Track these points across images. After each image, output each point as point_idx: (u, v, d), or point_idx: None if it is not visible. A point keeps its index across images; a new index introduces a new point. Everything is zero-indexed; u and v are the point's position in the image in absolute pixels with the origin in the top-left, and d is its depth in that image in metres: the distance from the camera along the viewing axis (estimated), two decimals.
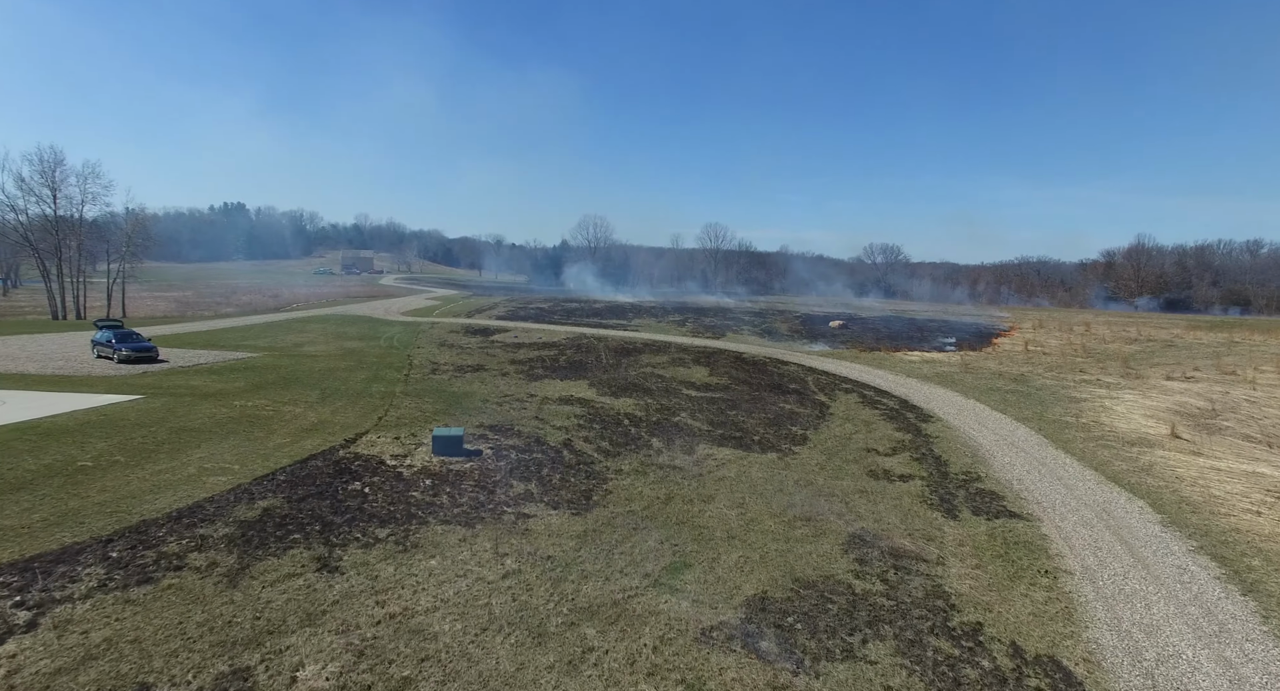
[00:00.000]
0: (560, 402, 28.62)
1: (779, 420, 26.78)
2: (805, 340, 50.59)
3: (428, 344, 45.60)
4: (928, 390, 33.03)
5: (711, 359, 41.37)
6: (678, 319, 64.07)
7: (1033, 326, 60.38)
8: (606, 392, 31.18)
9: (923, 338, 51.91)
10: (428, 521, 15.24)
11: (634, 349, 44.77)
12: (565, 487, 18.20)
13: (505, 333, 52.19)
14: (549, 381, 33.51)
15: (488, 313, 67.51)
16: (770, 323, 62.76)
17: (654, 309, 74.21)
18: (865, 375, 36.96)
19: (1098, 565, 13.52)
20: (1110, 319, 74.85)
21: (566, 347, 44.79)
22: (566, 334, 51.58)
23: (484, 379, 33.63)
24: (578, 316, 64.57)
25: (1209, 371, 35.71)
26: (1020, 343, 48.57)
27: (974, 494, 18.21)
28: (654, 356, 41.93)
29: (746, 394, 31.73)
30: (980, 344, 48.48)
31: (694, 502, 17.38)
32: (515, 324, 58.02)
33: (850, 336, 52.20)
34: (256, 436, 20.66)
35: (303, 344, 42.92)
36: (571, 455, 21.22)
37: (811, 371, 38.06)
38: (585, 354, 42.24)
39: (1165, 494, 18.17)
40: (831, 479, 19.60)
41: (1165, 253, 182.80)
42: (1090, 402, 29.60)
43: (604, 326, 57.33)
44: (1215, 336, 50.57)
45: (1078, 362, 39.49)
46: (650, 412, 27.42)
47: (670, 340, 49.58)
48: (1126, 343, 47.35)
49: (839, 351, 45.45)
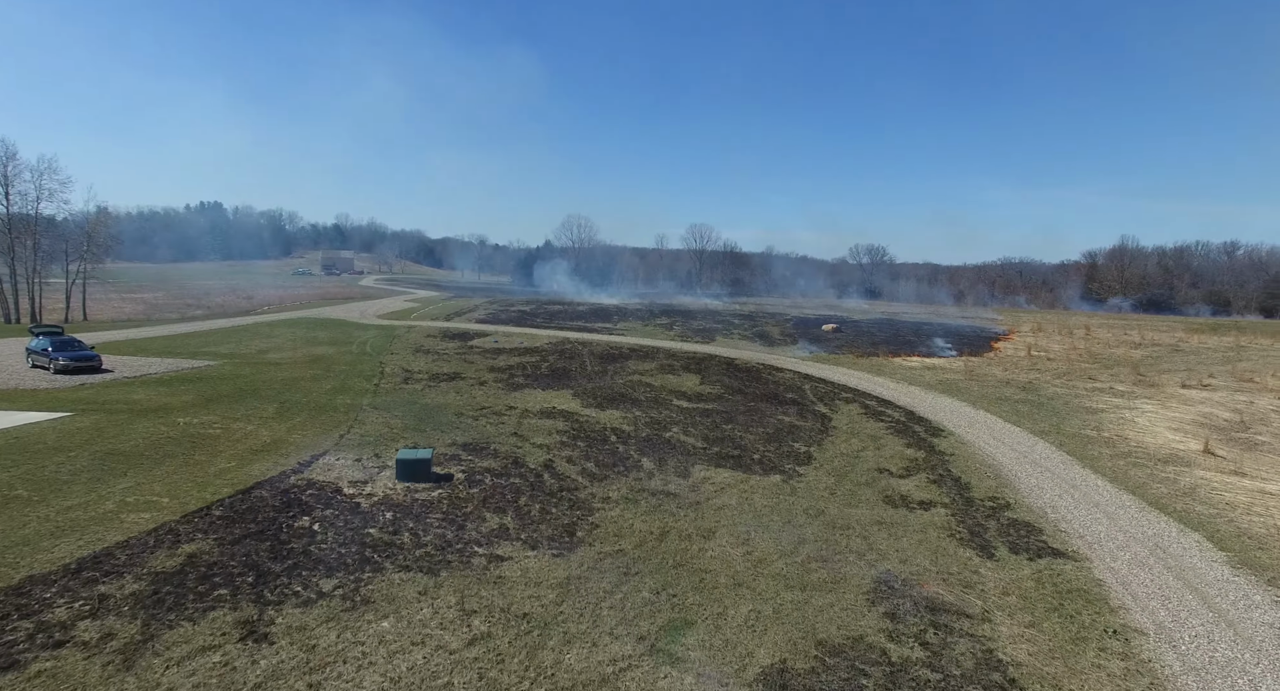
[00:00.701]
0: (541, 416, 26.39)
1: (779, 435, 24.70)
2: (799, 344, 48.67)
3: (402, 350, 43.16)
4: (933, 400, 31.13)
5: (702, 365, 39.29)
6: (664, 322, 61.96)
7: (1032, 330, 58.92)
8: (592, 404, 28.98)
9: (919, 342, 50.18)
10: (384, 568, 12.98)
11: (620, 355, 42.59)
12: (546, 521, 15.99)
13: (485, 337, 49.82)
14: (530, 391, 31.26)
15: (468, 315, 65.05)
16: (761, 326, 60.80)
17: (639, 311, 72.07)
18: (865, 383, 35.03)
19: (1173, 622, 11.52)
20: (1107, 321, 73.76)
21: (549, 353, 42.52)
22: (549, 338, 49.31)
23: (460, 389, 31.33)
24: (561, 320, 62.28)
25: (1225, 378, 34.14)
26: (1022, 347, 46.93)
27: (1006, 525, 16.20)
28: (641, 363, 39.78)
29: (742, 405, 29.65)
30: (981, 349, 46.81)
31: (692, 538, 15.23)
32: (496, 328, 55.64)
33: (845, 341, 50.36)
34: (196, 460, 18.24)
35: (268, 350, 40.30)
36: (553, 479, 19.01)
37: (808, 379, 36.08)
38: (569, 360, 40.00)
39: (1221, 524, 16.26)
40: (844, 507, 17.52)
41: (1147, 254, 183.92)
42: (1109, 414, 27.83)
43: (588, 330, 55.10)
44: (1221, 340, 49.30)
45: (1086, 369, 37.83)
46: (639, 427, 25.25)
47: (658, 345, 47.46)
48: (1132, 347, 45.87)
49: (835, 357, 43.54)
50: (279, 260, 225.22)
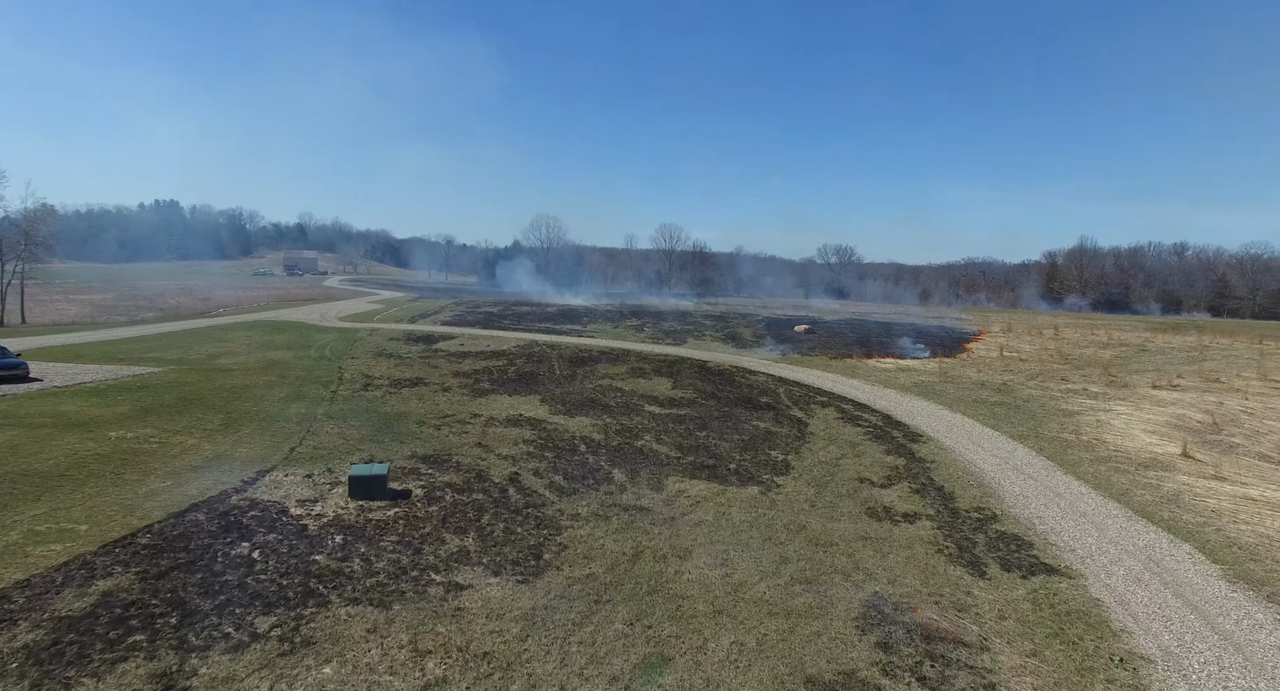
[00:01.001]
0: (508, 424, 25.18)
1: (755, 442, 23.84)
2: (771, 346, 48.04)
3: (364, 354, 41.45)
4: (909, 403, 30.61)
5: (674, 369, 38.36)
6: (635, 324, 60.93)
7: (1002, 330, 59.18)
8: (560, 411, 27.85)
9: (892, 343, 49.93)
10: (330, 601, 11.76)
11: (590, 358, 41.46)
12: (510, 542, 14.85)
13: (450, 340, 48.26)
14: (496, 397, 30.00)
15: (433, 317, 63.28)
16: (733, 327, 60.13)
17: (609, 313, 70.91)
18: (840, 386, 34.42)
19: (1179, 647, 10.84)
20: (1074, 321, 74.66)
21: (516, 357, 41.22)
22: (517, 341, 47.95)
23: (423, 395, 29.93)
24: (529, 321, 60.89)
25: (1193, 379, 34.27)
26: (994, 348, 46.92)
27: (995, 539, 15.50)
28: (612, 366, 38.71)
29: (716, 410, 28.76)
30: (953, 350, 46.66)
31: (667, 559, 14.23)
32: (462, 330, 54.07)
33: (817, 342, 49.89)
34: (126, 480, 16.70)
35: (219, 355, 38.33)
36: (519, 494, 17.87)
37: (783, 382, 35.37)
38: (537, 364, 38.76)
39: (1209, 534, 15.77)
40: (826, 520, 16.68)
41: (1104, 254, 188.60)
42: (1085, 416, 27.53)
43: (557, 332, 53.85)
44: (1184, 340, 49.95)
45: (1058, 370, 37.76)
46: (610, 435, 24.19)
47: (628, 347, 46.43)
48: (1100, 347, 46.14)
49: (808, 359, 42.97)
50: (239, 260, 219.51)
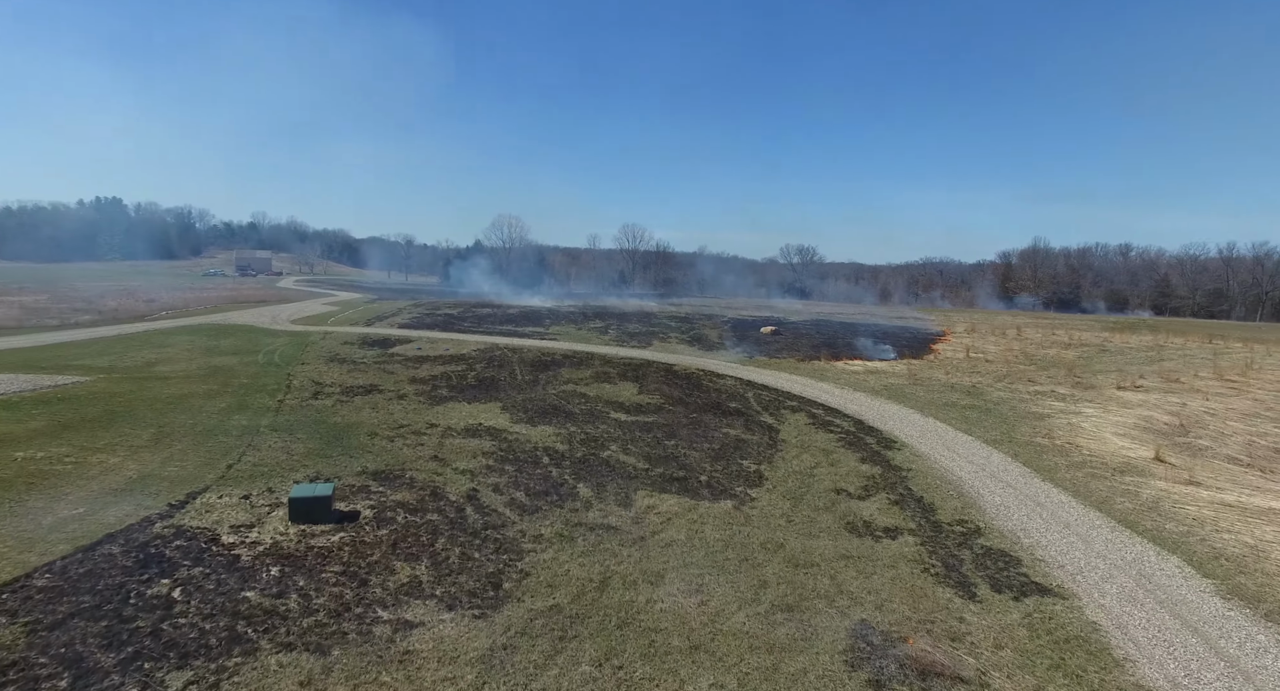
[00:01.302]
0: (466, 434, 23.82)
1: (726, 451, 22.91)
2: (738, 348, 47.32)
3: (315, 359, 39.48)
4: (880, 407, 30.06)
5: (640, 373, 37.30)
6: (599, 326, 59.69)
7: (966, 330, 59.51)
8: (522, 419, 26.57)
9: (858, 344, 49.64)
10: (259, 648, 10.40)
11: (553, 362, 40.15)
12: (467, 569, 13.61)
13: (407, 344, 46.44)
14: (454, 405, 28.57)
15: (390, 320, 61.13)
16: (698, 329, 59.33)
17: (573, 314, 69.46)
18: (810, 389, 33.77)
19: (1186, 677, 10.15)
20: (1034, 321, 75.79)
21: (476, 361, 39.69)
22: (477, 344, 46.36)
23: (376, 404, 28.34)
24: (490, 324, 59.22)
25: (1154, 379, 34.49)
26: (960, 349, 46.94)
27: (982, 555, 14.78)
28: (575, 371, 37.47)
29: (684, 417, 27.78)
30: (920, 351, 46.54)
31: (638, 585, 13.16)
32: (420, 333, 52.22)
33: (784, 344, 49.32)
34: (29, 508, 14.95)
35: (157, 362, 36.00)
36: (477, 514, 16.60)
37: (751, 386, 34.57)
38: (498, 369, 37.32)
39: (1195, 544, 15.30)
40: (805, 537, 15.79)
41: (1056, 254, 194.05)
42: (1055, 419, 27.28)
43: (519, 335, 52.36)
44: (1140, 340, 50.77)
45: (1024, 371, 37.76)
46: (575, 445, 23.02)
47: (593, 350, 45.23)
48: (1063, 348, 46.51)
49: (776, 361, 42.33)
50: (188, 260, 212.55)
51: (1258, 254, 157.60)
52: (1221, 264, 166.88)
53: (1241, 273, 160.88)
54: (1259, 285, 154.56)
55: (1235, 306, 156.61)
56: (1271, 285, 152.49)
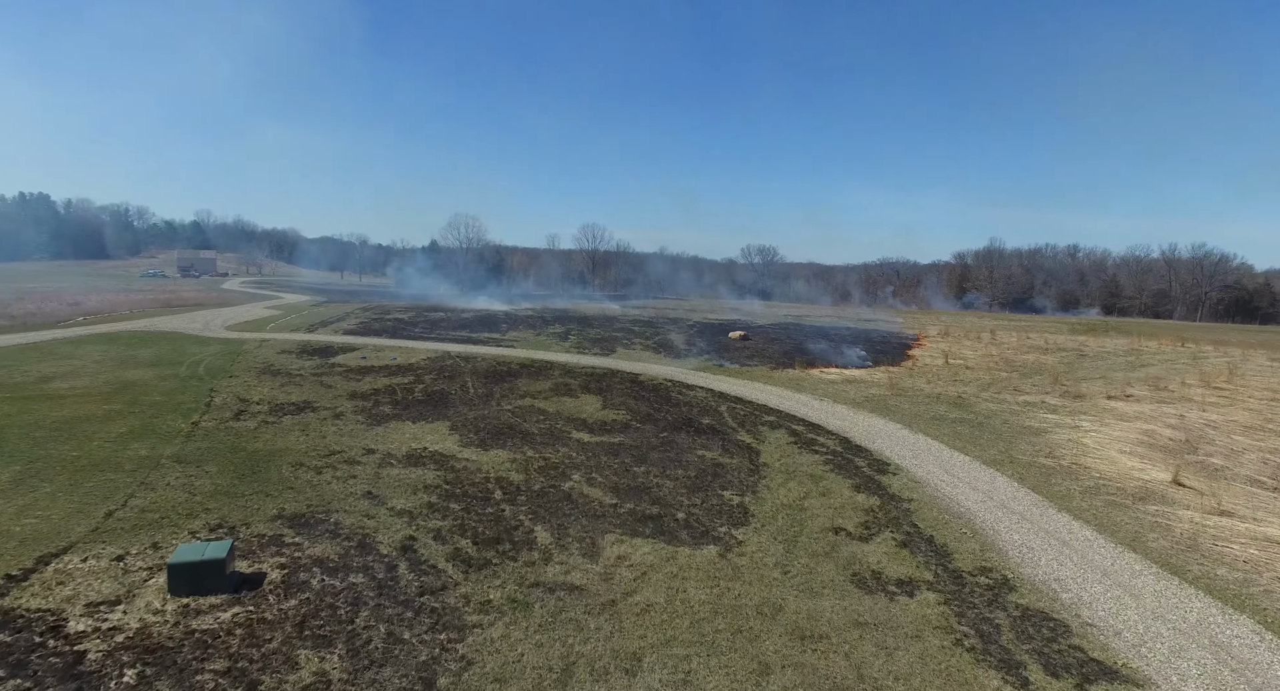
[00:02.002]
0: (408, 463, 20.75)
1: (704, 480, 20.25)
2: (706, 355, 44.79)
3: (246, 371, 35.68)
4: (865, 422, 27.79)
5: (604, 384, 34.48)
6: (559, 331, 56.58)
7: (940, 335, 57.97)
8: (473, 441, 23.58)
9: (832, 350, 47.54)
10: None
11: (509, 372, 37.05)
12: (393, 659, 10.67)
13: (351, 352, 42.79)
14: (398, 425, 25.42)
15: (336, 325, 57.10)
16: (663, 334, 56.64)
17: (531, 319, 66.08)
18: (787, 402, 31.37)
19: None
20: (1001, 324, 75.07)
21: (426, 372, 36.38)
22: (427, 353, 42.96)
23: (308, 425, 25.02)
24: (443, 329, 55.64)
25: (1142, 387, 33.01)
26: (938, 355, 45.17)
27: (1020, 619, 12.35)
28: (534, 382, 34.46)
29: (654, 436, 25.07)
30: (897, 357, 44.60)
31: (609, 675, 10.41)
32: (366, 340, 48.48)
33: (755, 350, 46.93)
34: None
35: (56, 376, 31.83)
36: (412, 574, 13.61)
37: (724, 398, 32.03)
38: (448, 381, 34.09)
39: (1259, 598, 13.15)
40: (807, 595, 13.19)
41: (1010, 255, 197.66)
42: (1054, 435, 25.31)
43: (473, 342, 49.00)
44: (1115, 343, 49.80)
45: (1007, 379, 36.03)
46: (532, 475, 20.13)
47: (552, 359, 42.23)
48: (1041, 353, 45.09)
49: (748, 369, 39.91)
50: (126, 260, 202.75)
51: (1196, 255, 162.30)
52: (1164, 265, 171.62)
53: (1182, 273, 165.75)
54: (1199, 286, 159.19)
55: (1177, 306, 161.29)
56: (1210, 286, 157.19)
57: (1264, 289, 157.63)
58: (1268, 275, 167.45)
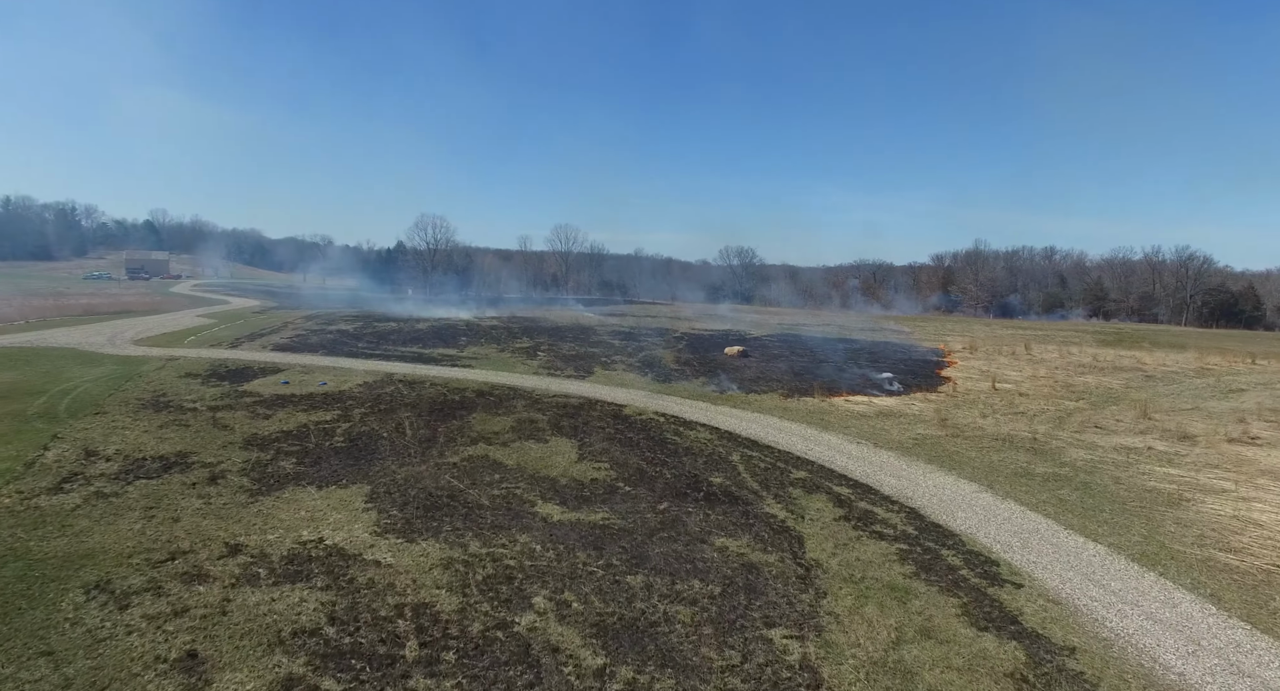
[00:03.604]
0: (284, 575, 13.45)
1: (734, 601, 13.17)
2: (702, 377, 37.65)
3: (123, 405, 27.94)
4: (928, 479, 20.93)
5: (580, 420, 27.32)
6: (527, 345, 48.94)
7: (967, 349, 51.26)
8: (395, 522, 16.35)
9: (849, 369, 40.68)
10: None
11: (462, 403, 29.68)
12: None
13: (273, 375, 35.10)
14: (295, 493, 18.16)
15: (268, 338, 49.10)
16: (648, 349, 49.34)
17: (496, 330, 58.11)
18: (816, 446, 24.45)
19: None
20: (1021, 333, 69.13)
21: (357, 404, 28.90)
22: (366, 376, 35.39)
23: (162, 498, 17.69)
24: (391, 344, 47.86)
25: (1258, 424, 26.49)
26: (976, 375, 38.50)
27: None
28: (491, 418, 27.17)
29: (650, 510, 17.98)
30: (929, 379, 37.74)
31: None
32: (297, 358, 40.71)
33: (758, 369, 39.81)
34: None
35: None
36: None
37: (735, 442, 25.02)
38: (382, 418, 26.65)
39: None
40: None
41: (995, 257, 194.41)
42: (1202, 506, 18.51)
43: (425, 360, 41.41)
44: (1175, 360, 43.65)
45: (1076, 409, 29.48)
46: (472, 597, 12.93)
47: (517, 384, 34.88)
48: (1096, 372, 38.64)
49: (756, 397, 32.89)
50: (71, 262, 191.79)
51: (1180, 257, 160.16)
52: (1147, 267, 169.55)
53: (1165, 276, 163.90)
54: (1183, 289, 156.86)
55: (1161, 309, 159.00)
56: (1196, 289, 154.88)
57: (1248, 292, 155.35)
58: (1249, 277, 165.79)
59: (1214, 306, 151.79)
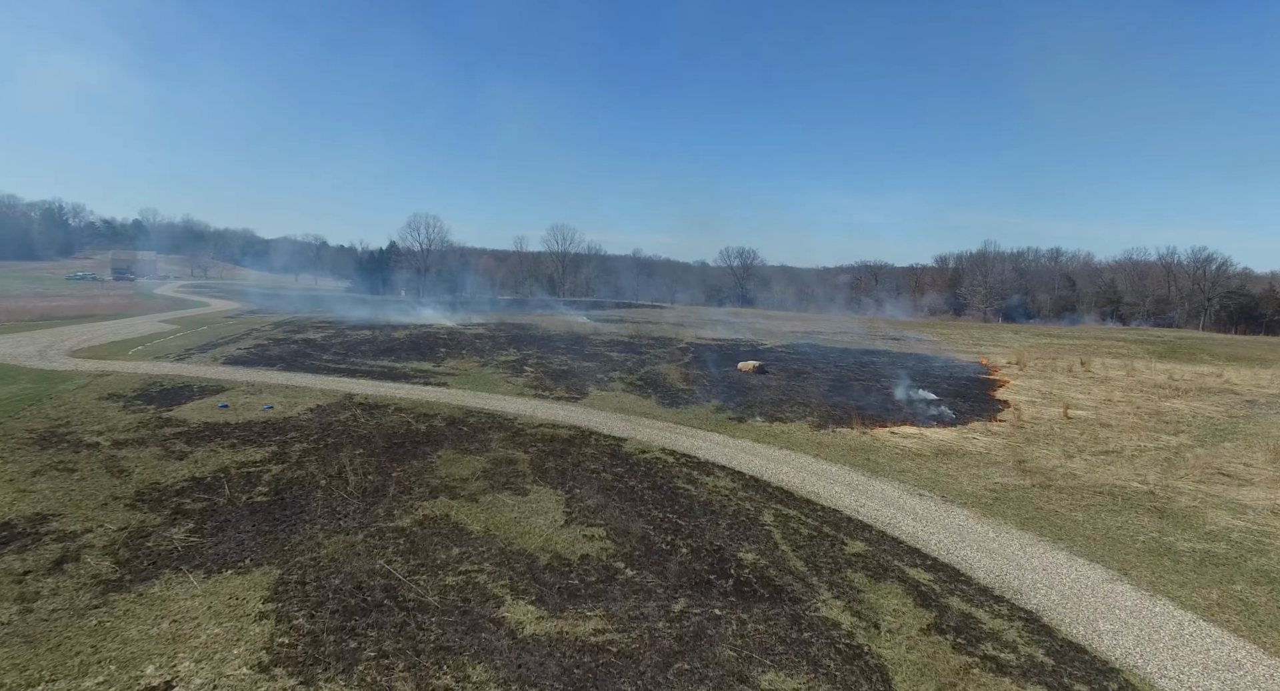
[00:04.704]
0: None
1: None
2: (713, 398, 32.16)
3: (7, 440, 22.61)
4: (1031, 557, 15.55)
5: (569, 460, 21.97)
6: (514, 357, 43.42)
7: (1014, 364, 45.66)
8: (291, 649, 10.94)
9: (883, 389, 35.21)
10: None
11: (426, 437, 24.32)
12: None
13: (211, 397, 29.75)
14: (162, 590, 12.86)
15: (224, 348, 43.71)
16: (650, 362, 43.88)
17: (480, 340, 52.36)
18: (869, 501, 19.08)
19: None
20: (1055, 340, 63.77)
21: (300, 437, 23.55)
22: (319, 398, 30.01)
23: None
24: (360, 356, 42.41)
25: None
26: (1037, 397, 32.94)
27: None
28: (459, 457, 21.80)
29: (660, 613, 12.63)
30: (982, 402, 31.96)
31: None
32: (249, 374, 35.35)
33: (781, 391, 34.08)
34: None
35: None
36: None
37: (765, 494, 19.65)
38: (325, 459, 21.27)
39: None
40: None
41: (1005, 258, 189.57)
42: None
43: (394, 377, 35.99)
44: (1268, 377, 38.23)
45: (1183, 447, 24.04)
46: None
47: (496, 409, 29.47)
48: (1179, 395, 33.04)
49: (783, 428, 27.46)
50: (55, 262, 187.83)
51: (1196, 259, 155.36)
52: (1162, 269, 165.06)
53: (1181, 278, 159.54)
54: (1201, 292, 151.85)
55: (1177, 313, 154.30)
56: (1214, 292, 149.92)
57: (1269, 295, 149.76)
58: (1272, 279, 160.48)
59: (1234, 310, 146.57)
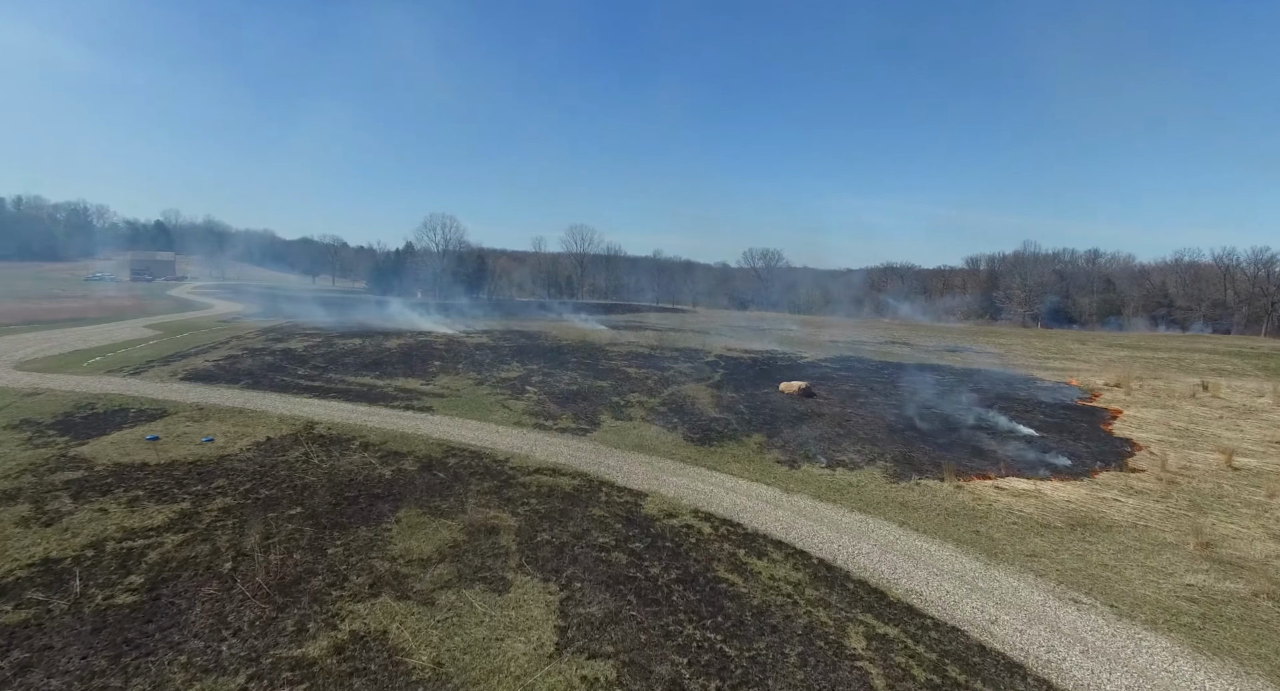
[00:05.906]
0: None
1: None
2: (757, 433, 26.07)
3: None
4: None
5: (569, 531, 16.15)
6: (515, 376, 37.41)
7: (1115, 385, 38.44)
8: None
9: (964, 419, 28.75)
10: None
11: (389, 487, 18.63)
12: None
13: (146, 424, 24.49)
14: None
15: (188, 360, 38.53)
16: (673, 381, 37.74)
17: (481, 351, 46.20)
18: (1005, 614, 12.99)
19: None
20: (1134, 354, 56.50)
21: (226, 488, 18.01)
22: (274, 427, 24.54)
23: None
24: (341, 370, 36.86)
25: None
26: (1169, 434, 26.43)
27: None
28: (422, 527, 16.03)
29: None
30: (1094, 441, 25.18)
31: None
32: (205, 392, 30.08)
33: (838, 422, 27.55)
34: None
35: None
36: None
37: (849, 596, 13.64)
38: (240, 527, 15.61)
39: None
40: None
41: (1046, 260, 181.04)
42: None
43: (374, 397, 30.39)
44: None
45: None
46: None
47: (485, 446, 23.65)
48: None
49: (848, 478, 21.30)
50: (77, 262, 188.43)
51: (1258, 260, 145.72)
52: (1218, 271, 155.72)
53: (1239, 281, 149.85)
54: (1265, 295, 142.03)
55: (1236, 319, 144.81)
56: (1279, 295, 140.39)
57: None
58: None
59: None
